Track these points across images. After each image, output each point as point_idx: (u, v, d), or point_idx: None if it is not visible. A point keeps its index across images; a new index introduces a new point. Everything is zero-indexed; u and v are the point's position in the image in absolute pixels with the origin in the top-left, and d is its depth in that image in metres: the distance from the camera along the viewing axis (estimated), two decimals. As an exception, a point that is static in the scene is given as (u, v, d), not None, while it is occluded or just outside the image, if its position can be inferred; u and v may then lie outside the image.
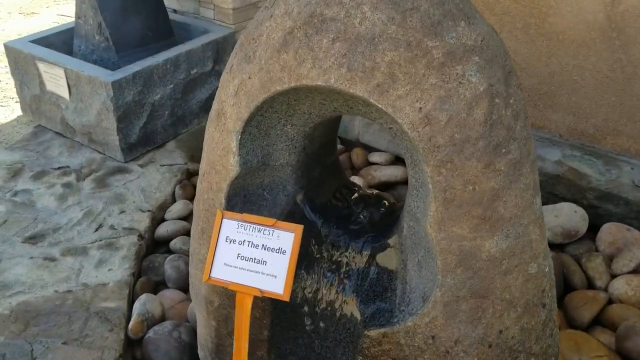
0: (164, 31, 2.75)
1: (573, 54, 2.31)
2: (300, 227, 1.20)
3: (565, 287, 1.99)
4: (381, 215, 1.37)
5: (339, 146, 2.66)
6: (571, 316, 1.88)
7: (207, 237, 1.39)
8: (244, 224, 1.24)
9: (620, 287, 1.92)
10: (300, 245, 1.21)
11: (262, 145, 1.27)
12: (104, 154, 2.57)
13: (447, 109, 1.05)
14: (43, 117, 2.74)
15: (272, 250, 1.22)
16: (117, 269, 1.97)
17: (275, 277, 1.21)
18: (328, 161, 1.44)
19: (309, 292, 1.34)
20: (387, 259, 1.29)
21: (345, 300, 1.31)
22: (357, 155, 2.65)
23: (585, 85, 2.33)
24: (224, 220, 1.26)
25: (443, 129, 1.06)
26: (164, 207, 2.32)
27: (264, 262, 1.22)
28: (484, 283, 1.15)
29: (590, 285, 2.01)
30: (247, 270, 1.23)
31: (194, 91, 2.72)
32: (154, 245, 2.21)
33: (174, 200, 2.37)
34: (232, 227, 1.25)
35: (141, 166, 2.53)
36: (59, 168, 2.49)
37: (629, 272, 1.98)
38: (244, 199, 1.33)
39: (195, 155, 2.64)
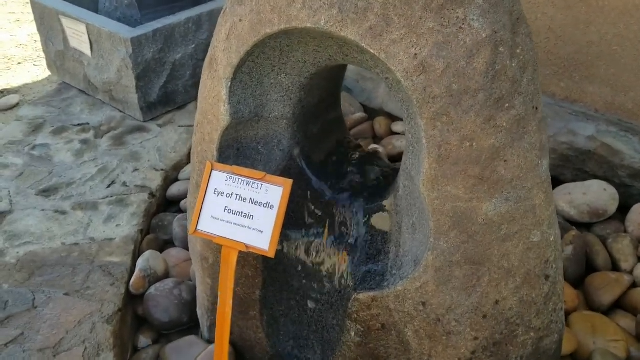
0: (189, -10, 2.71)
1: (613, 22, 2.15)
2: (289, 182, 1.15)
3: (587, 268, 1.88)
4: (378, 175, 1.30)
5: (362, 114, 2.58)
6: (591, 298, 1.77)
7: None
8: (233, 176, 1.19)
9: (647, 270, 1.80)
10: (293, 202, 1.16)
11: (254, 95, 1.21)
12: (124, 113, 2.56)
13: (445, 56, 0.97)
14: (67, 74, 2.75)
15: (260, 204, 1.16)
16: (125, 225, 1.96)
17: (262, 232, 1.16)
18: (330, 117, 1.37)
19: (301, 252, 1.28)
20: (381, 220, 1.22)
21: (337, 262, 1.25)
22: (380, 124, 2.56)
23: (625, 57, 2.17)
24: (213, 172, 1.21)
25: (439, 78, 0.97)
26: (178, 167, 2.29)
27: (251, 217, 1.17)
28: (479, 249, 1.07)
29: (615, 267, 1.89)
30: (234, 224, 1.18)
31: (217, 53, 2.68)
32: (165, 205, 2.19)
33: (188, 161, 2.34)
34: (221, 180, 1.20)
35: (160, 126, 2.51)
36: (78, 125, 2.49)
37: (658, 256, 1.85)
38: (237, 152, 1.28)
39: (215, 117, 2.60)
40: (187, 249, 1.94)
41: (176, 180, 2.25)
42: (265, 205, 1.16)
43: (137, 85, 2.39)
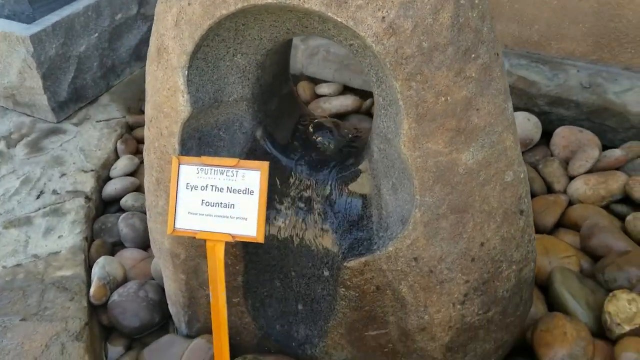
0: (78, -24, 2.51)
1: (512, -41, 2.25)
2: (266, 164, 1.12)
3: (526, 195, 2.01)
4: (344, 141, 1.30)
5: (284, 81, 2.55)
6: (535, 222, 1.90)
7: (164, 188, 1.29)
8: (204, 167, 1.15)
9: (579, 187, 1.95)
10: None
11: (212, 80, 1.16)
12: (33, 116, 2.37)
13: (412, 15, 0.97)
14: (-43, 84, 2.50)
15: (239, 191, 1.14)
16: (67, 235, 1.85)
17: (246, 219, 1.14)
18: (284, 92, 1.35)
19: (281, 231, 1.27)
20: (358, 186, 1.24)
21: (320, 234, 1.26)
22: (303, 89, 2.55)
23: (527, -9, 2.28)
24: (181, 166, 1.16)
25: (409, 38, 0.98)
26: (107, 165, 2.17)
27: (232, 206, 1.14)
28: (462, 197, 1.11)
29: (550, 189, 2.03)
30: (215, 216, 1.15)
31: (121, 38, 2.53)
32: (103, 206, 2.08)
33: (117, 157, 2.23)
34: (191, 173, 1.16)
35: (76, 125, 2.35)
36: (-16, 137, 2.29)
37: (586, 173, 2.01)
38: (199, 142, 1.23)
39: (132, 106, 2.48)
40: (141, 248, 1.87)
41: (108, 178, 2.14)
42: (244, 192, 1.13)
43: (44, 85, 2.22)
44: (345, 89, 2.50)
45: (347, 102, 2.38)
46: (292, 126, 1.35)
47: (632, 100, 2.12)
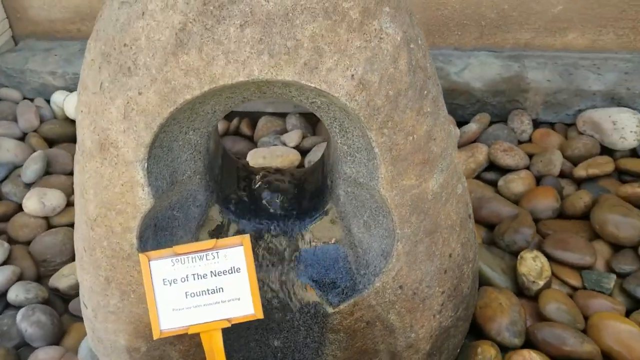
0: None
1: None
2: (247, 237, 1.07)
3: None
4: (294, 190, 1.29)
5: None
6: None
7: (116, 286, 1.17)
8: (178, 258, 1.06)
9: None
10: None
11: (167, 164, 1.07)
12: None
13: (376, 68, 1.00)
14: None
15: (224, 272, 1.07)
16: (-42, 358, 1.56)
17: (239, 299, 1.08)
18: (220, 152, 1.29)
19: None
20: (327, 230, 1.24)
21: (298, 287, 1.24)
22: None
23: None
24: (151, 262, 1.06)
25: (378, 90, 1.01)
26: (-31, 260, 1.86)
27: (220, 289, 1.08)
28: (432, 220, 1.18)
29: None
30: (204, 305, 1.07)
31: None
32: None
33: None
34: (165, 267, 1.06)
35: None
36: None
37: (454, 150, 2.22)
38: (154, 229, 1.13)
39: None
40: (53, 344, 1.65)
41: (-24, 275, 1.83)
42: (230, 271, 1.08)
43: None
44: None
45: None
46: (235, 184, 1.29)
47: (470, 77, 2.38)
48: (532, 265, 1.76)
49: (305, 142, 2.24)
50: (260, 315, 1.09)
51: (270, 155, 2.15)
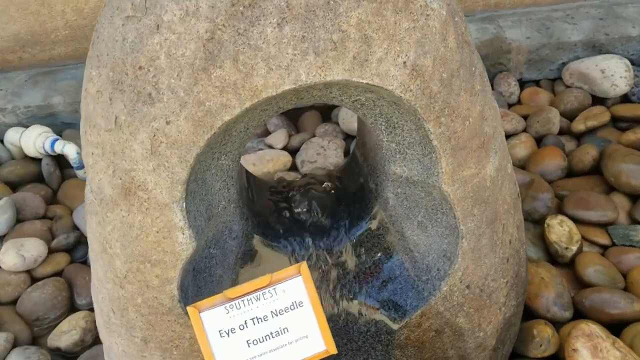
0: None
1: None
2: (304, 265, 0.93)
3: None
4: (334, 201, 1.15)
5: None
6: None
7: (155, 346, 1.01)
8: (232, 303, 0.91)
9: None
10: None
11: (202, 198, 0.91)
12: None
13: (427, 50, 0.87)
14: None
15: (286, 310, 0.93)
16: None
17: (307, 336, 0.94)
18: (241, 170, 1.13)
19: (311, 323, 1.09)
20: (374, 239, 1.11)
21: (351, 309, 1.11)
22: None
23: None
24: (202, 315, 0.91)
25: (432, 75, 0.88)
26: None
27: (285, 330, 0.93)
28: (492, 208, 1.07)
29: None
30: (270, 351, 0.93)
31: None
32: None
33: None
34: (219, 317, 0.91)
35: None
36: None
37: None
38: (193, 274, 0.97)
39: None
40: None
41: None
42: (292, 307, 0.93)
43: None
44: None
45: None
46: (269, 205, 1.14)
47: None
48: (560, 230, 1.69)
49: (292, 141, 2.09)
50: (334, 350, 0.96)
51: (260, 160, 1.99)
